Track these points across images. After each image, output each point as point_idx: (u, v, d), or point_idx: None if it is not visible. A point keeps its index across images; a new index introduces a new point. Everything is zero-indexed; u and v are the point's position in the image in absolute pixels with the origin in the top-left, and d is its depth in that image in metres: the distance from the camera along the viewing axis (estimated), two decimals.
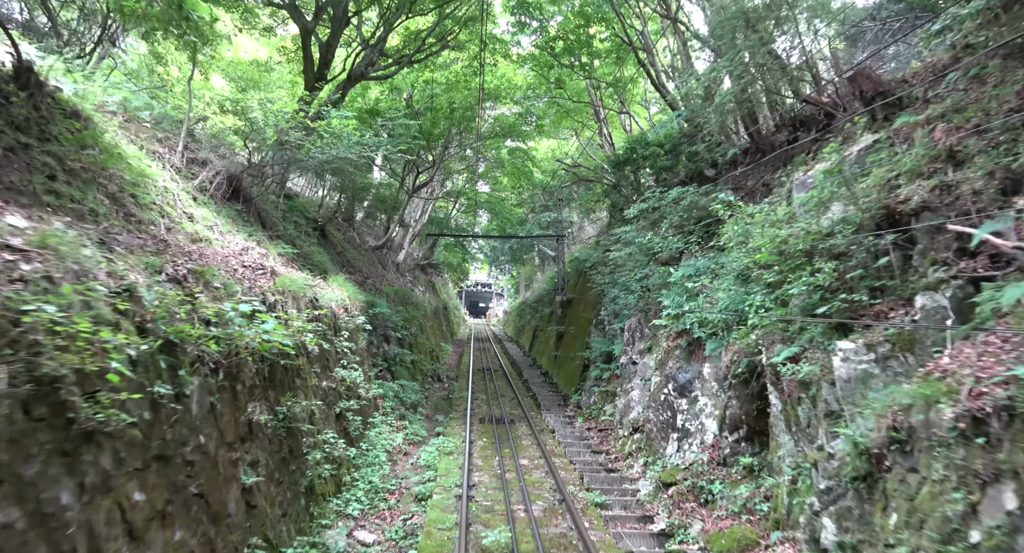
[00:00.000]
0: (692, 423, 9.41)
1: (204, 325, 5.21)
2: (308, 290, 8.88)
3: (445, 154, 28.80)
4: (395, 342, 18.14)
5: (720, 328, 8.84)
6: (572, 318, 22.19)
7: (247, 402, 5.93)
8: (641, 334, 12.98)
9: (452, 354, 33.23)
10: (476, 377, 22.88)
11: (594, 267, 18.62)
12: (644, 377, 11.85)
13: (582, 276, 23.54)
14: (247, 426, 5.83)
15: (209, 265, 5.84)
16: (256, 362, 6.27)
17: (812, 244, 6.68)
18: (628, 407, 12.06)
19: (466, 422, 14.15)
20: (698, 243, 11.72)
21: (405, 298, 22.79)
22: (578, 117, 27.82)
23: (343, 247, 21.00)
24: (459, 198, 41.46)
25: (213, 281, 5.77)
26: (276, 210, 15.31)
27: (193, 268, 5.54)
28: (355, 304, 12.37)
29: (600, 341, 16.04)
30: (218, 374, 5.27)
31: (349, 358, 10.62)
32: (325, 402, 9.03)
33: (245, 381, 5.95)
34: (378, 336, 16.50)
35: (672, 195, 12.84)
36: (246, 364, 5.91)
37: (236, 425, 5.55)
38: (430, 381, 21.87)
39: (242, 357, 5.68)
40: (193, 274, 5.45)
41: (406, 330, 19.83)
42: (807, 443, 6.55)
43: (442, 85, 24.88)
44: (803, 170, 8.56)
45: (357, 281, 18.52)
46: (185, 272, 5.32)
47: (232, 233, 10.62)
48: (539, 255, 53.63)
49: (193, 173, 11.80)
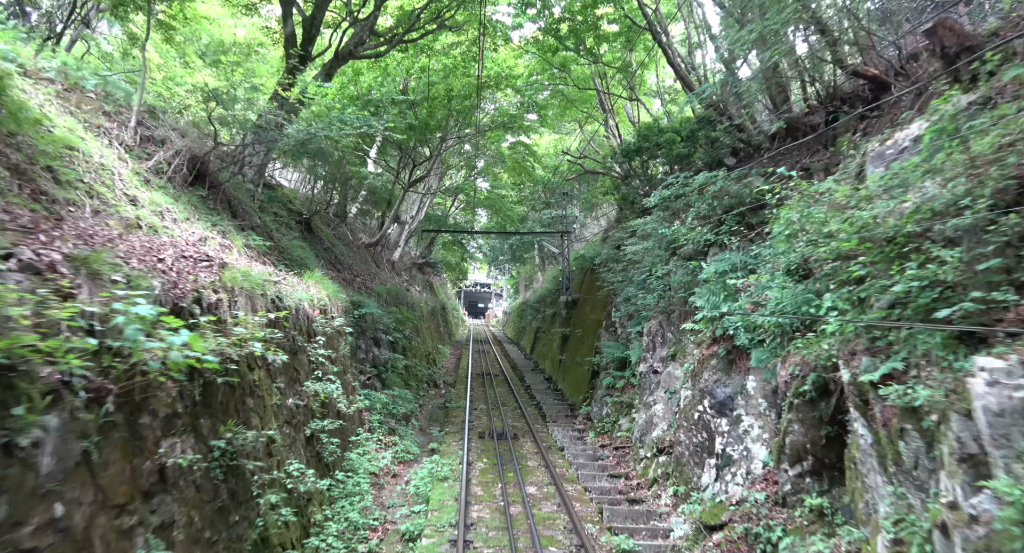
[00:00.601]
0: (734, 448, 7.77)
1: (84, 335, 3.57)
2: (269, 287, 7.24)
3: (443, 147, 27.19)
4: (386, 346, 16.50)
5: (772, 334, 7.20)
6: (578, 320, 20.55)
7: (159, 440, 4.28)
8: (663, 339, 11.35)
9: (450, 357, 31.59)
10: (475, 383, 21.22)
11: (604, 264, 16.98)
12: (670, 389, 10.21)
13: (589, 275, 21.91)
14: (156, 474, 4.17)
15: (98, 250, 4.19)
16: (181, 382, 4.64)
17: (914, 228, 5.04)
18: (650, 423, 10.42)
19: (464, 437, 12.50)
20: (732, 233, 10.09)
21: (399, 298, 21.14)
22: (583, 107, 26.18)
23: (332, 243, 19.36)
24: (458, 195, 39.84)
25: (107, 272, 4.13)
26: (252, 199, 13.66)
27: (72, 253, 3.89)
28: (336, 304, 10.72)
29: (612, 346, 14.40)
30: (102, 406, 3.62)
31: (326, 368, 8.98)
32: (291, 424, 7.38)
33: (157, 411, 4.30)
34: (367, 340, 14.86)
35: (699, 181, 11.20)
36: (159, 387, 4.27)
37: (134, 476, 3.90)
38: (426, 387, 20.22)
39: (151, 378, 4.04)
40: (70, 262, 3.80)
41: (399, 333, 18.20)
42: (914, 490, 4.91)
43: (439, 73, 23.24)
44: (879, 141, 6.93)
45: (345, 279, 16.88)
46: (54, 258, 3.67)
47: (191, 221, 9.01)
48: (540, 254, 51.98)
49: (148, 153, 10.18)
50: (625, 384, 13.42)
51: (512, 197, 43.23)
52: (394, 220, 30.22)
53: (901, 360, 5.00)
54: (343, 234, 24.51)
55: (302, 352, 8.35)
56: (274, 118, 13.89)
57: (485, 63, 22.77)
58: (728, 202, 10.55)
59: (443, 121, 24.69)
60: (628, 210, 18.76)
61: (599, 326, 17.27)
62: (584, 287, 22.23)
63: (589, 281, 21.28)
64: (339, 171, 20.98)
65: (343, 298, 11.54)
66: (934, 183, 5.26)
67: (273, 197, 15.64)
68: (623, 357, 13.89)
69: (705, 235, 10.50)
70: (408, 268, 36.34)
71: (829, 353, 6.01)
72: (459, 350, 35.20)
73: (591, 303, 19.41)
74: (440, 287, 51.24)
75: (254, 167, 14.78)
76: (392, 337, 17.12)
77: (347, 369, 10.97)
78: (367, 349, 14.83)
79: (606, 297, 17.02)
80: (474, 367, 26.08)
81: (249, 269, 6.98)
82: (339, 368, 10.19)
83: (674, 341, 11.09)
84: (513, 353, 33.83)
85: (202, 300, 5.40)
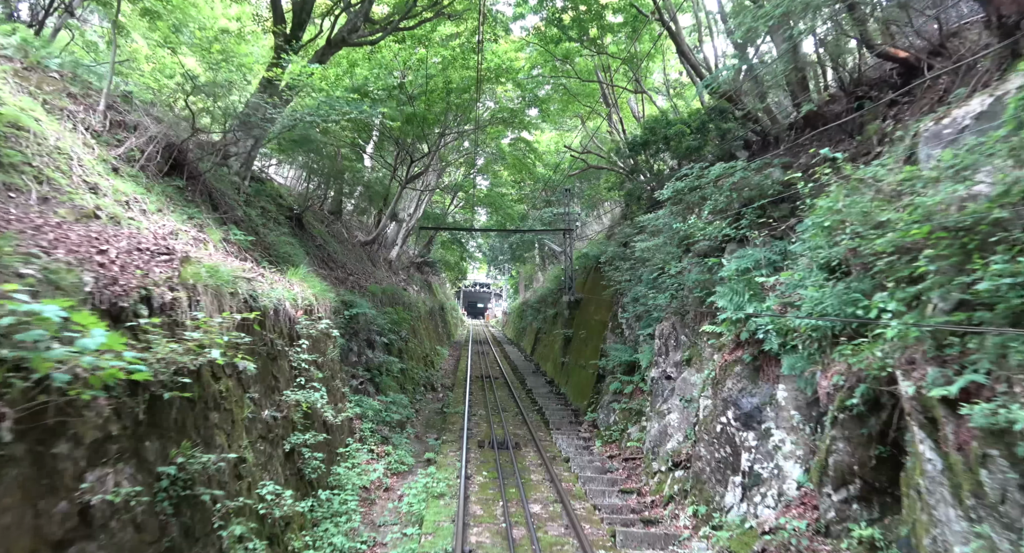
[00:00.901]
0: (763, 466, 6.94)
1: None
2: (242, 284, 6.40)
3: (441, 142, 26.36)
4: (381, 348, 15.66)
5: (809, 339, 6.37)
6: (582, 321, 19.72)
7: (83, 472, 3.45)
8: (677, 342, 10.52)
9: (448, 358, 30.77)
10: (474, 386, 20.39)
11: (610, 263, 16.16)
12: (686, 397, 9.39)
13: (592, 274, 21.10)
14: (76, 517, 3.34)
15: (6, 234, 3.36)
16: (118, 398, 3.81)
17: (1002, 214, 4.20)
18: (664, 434, 9.59)
19: (462, 446, 11.66)
20: (753, 227, 9.28)
21: (395, 298, 20.31)
22: (586, 101, 25.35)
23: (325, 240, 18.53)
24: (457, 192, 39.01)
25: (15, 264, 3.30)
26: (237, 192, 12.83)
27: None
28: (323, 304, 9.89)
29: (619, 348, 13.57)
30: None
31: (310, 374, 8.15)
32: (267, 439, 6.55)
33: (81, 436, 3.47)
34: (359, 342, 14.03)
35: (715, 172, 10.38)
36: (85, 406, 3.44)
37: (38, 524, 3.07)
38: (423, 391, 19.39)
39: (72, 396, 3.21)
40: None
41: (394, 334, 17.36)
42: (1000, 529, 4.09)
43: (437, 66, 22.42)
44: (933, 119, 6.11)
45: (338, 278, 16.05)
46: None
47: (163, 213, 8.20)
48: (540, 254, 51.16)
49: (119, 139, 9.36)
50: (634, 390, 12.59)
51: (512, 195, 42.42)
52: (391, 217, 29.39)
53: (984, 372, 4.18)
54: (338, 232, 23.69)
55: (282, 357, 7.51)
56: (261, 105, 13.09)
57: (485, 56, 21.96)
58: (748, 194, 9.72)
59: (441, 115, 23.86)
60: (634, 206, 17.95)
61: (604, 327, 16.45)
62: (587, 287, 21.42)
63: (593, 280, 20.46)
64: (333, 165, 20.16)
65: (332, 297, 10.71)
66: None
67: (261, 191, 14.81)
68: (631, 361, 13.07)
69: (723, 230, 9.67)
70: (406, 267, 35.51)
71: (883, 362, 5.19)
72: (458, 351, 34.38)
73: (595, 303, 18.59)
74: (439, 287, 50.42)
75: (240, 158, 13.95)
76: (387, 339, 16.29)
77: (336, 374, 10.14)
78: (360, 352, 14.00)
79: (612, 297, 16.21)
80: (473, 369, 25.24)
81: (218, 264, 6.14)
82: (326, 373, 9.36)
83: (689, 344, 10.27)
84: (513, 354, 33.00)
85: (152, 299, 4.57)
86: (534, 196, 41.76)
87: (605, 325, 16.45)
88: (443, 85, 22.68)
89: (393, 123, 24.19)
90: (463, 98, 24.05)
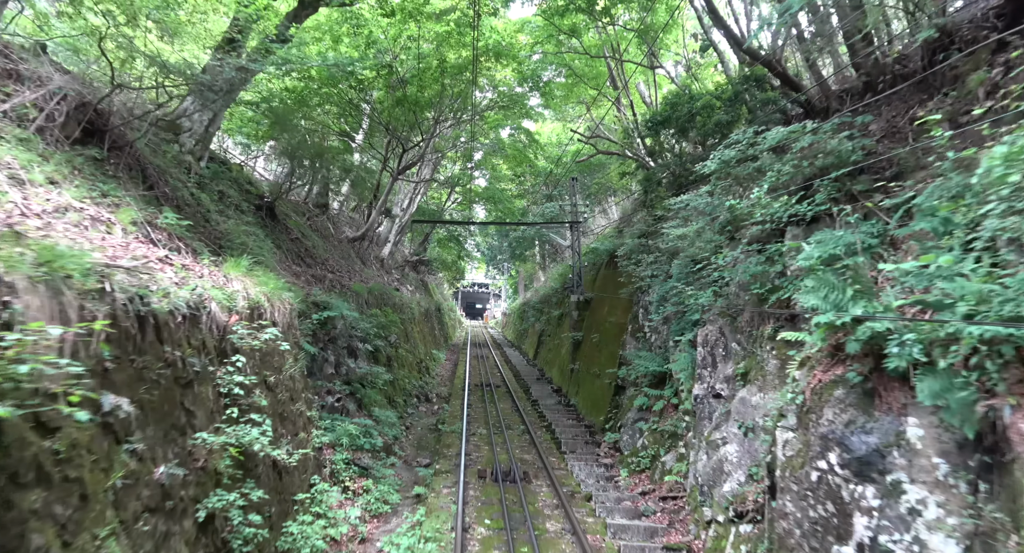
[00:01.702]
0: (894, 537, 4.76)
1: None
2: (116, 277, 4.18)
3: (436, 130, 24.17)
4: (365, 357, 13.46)
5: (981, 353, 4.20)
6: (594, 323, 17.52)
7: None
8: (727, 351, 8.34)
9: (445, 363, 28.57)
10: (473, 396, 18.19)
11: (628, 257, 13.98)
12: (746, 423, 7.21)
13: (604, 271, 18.93)
14: None
15: None
16: None
17: None
18: (719, 471, 7.39)
19: (459, 478, 9.47)
20: (841, 201, 7.12)
21: (383, 298, 18.09)
22: (593, 82, 23.18)
23: (304, 234, 16.32)
24: (454, 187, 36.79)
25: None
26: (186, 172, 10.62)
27: None
28: (281, 306, 7.67)
29: (645, 356, 11.38)
30: None
31: (250, 401, 5.94)
32: (162, 510, 4.34)
33: None
34: (337, 350, 11.82)
35: (773, 137, 8.21)
36: None
37: None
38: (415, 403, 17.18)
39: None
40: None
41: (382, 339, 15.16)
42: None
43: (431, 41, 20.24)
44: None
45: (315, 275, 13.85)
46: None
47: (59, 185, 6.05)
48: (541, 252, 49.01)
49: (7, 92, 7.18)
50: (665, 407, 10.40)
51: (512, 191, 40.25)
52: (382, 212, 27.20)
53: None
54: (323, 227, 21.49)
55: (204, 381, 5.30)
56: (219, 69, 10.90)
57: (483, 32, 19.82)
58: (823, 162, 7.54)
59: (435, 98, 21.68)
60: (653, 193, 15.77)
61: (622, 331, 14.27)
62: (598, 285, 19.23)
63: (605, 278, 18.29)
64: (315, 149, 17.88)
65: (293, 297, 8.49)
66: None
67: (221, 174, 12.58)
68: (661, 371, 10.88)
69: (792, 207, 7.49)
70: (400, 266, 33.30)
71: None
72: (455, 355, 32.18)
73: (609, 303, 16.40)
74: (435, 287, 48.22)
75: (196, 135, 11.74)
76: (372, 345, 14.09)
77: (297, 395, 7.93)
78: (338, 362, 11.80)
79: (631, 296, 14.02)
80: (472, 376, 23.04)
81: (57, 244, 3.93)
82: (281, 395, 7.16)
83: (744, 354, 8.09)
84: (515, 358, 30.80)
85: None
86: (535, 191, 39.63)
87: (623, 328, 14.27)
88: (437, 65, 20.49)
89: (381, 105, 22.05)
90: (459, 80, 21.91)
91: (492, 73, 24.02)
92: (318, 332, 10.69)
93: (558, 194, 36.35)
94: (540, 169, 37.06)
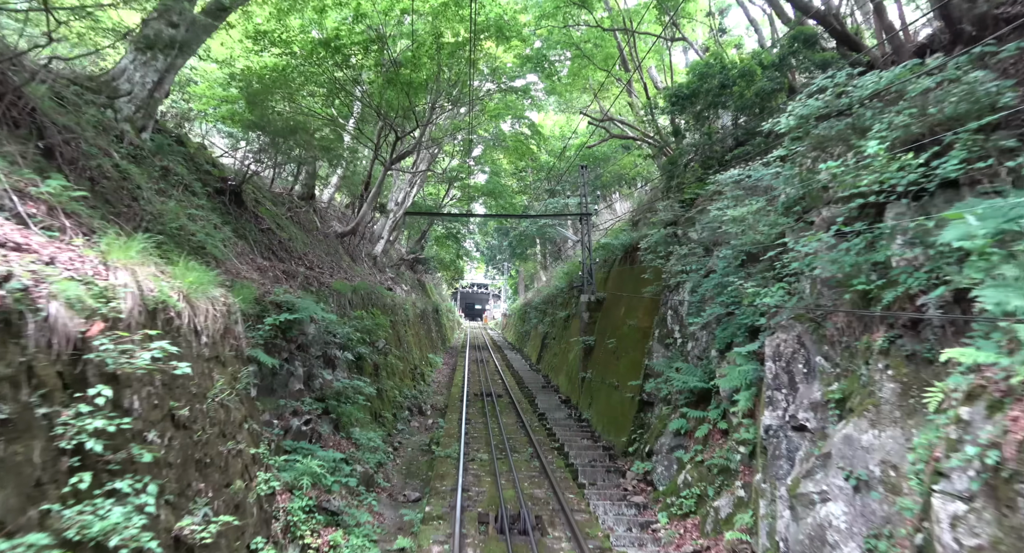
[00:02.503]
0: None
1: None
2: None
3: (432, 116, 22.02)
4: (345, 367, 11.30)
5: None
6: (609, 326, 15.36)
7: None
8: (809, 368, 6.20)
9: (443, 368, 26.41)
10: (472, 409, 16.03)
11: (653, 250, 11.84)
12: (856, 472, 5.06)
13: (617, 268, 16.79)
14: None
15: None
16: None
17: None
18: (818, 540, 5.23)
19: (454, 529, 7.30)
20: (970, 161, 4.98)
21: (371, 298, 15.92)
22: (602, 65, 21.06)
23: (280, 225, 14.16)
24: (452, 183, 34.59)
25: None
26: (115, 141, 8.45)
27: None
28: (205, 307, 5.50)
29: (684, 369, 9.21)
30: None
31: (128, 456, 3.78)
32: None
33: None
34: (308, 361, 9.66)
35: (872, 81, 6.06)
36: None
37: None
38: (407, 417, 15.03)
39: None
40: None
41: (368, 346, 13.01)
42: None
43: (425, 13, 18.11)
44: None
45: (287, 271, 11.68)
46: None
47: None
48: (543, 250, 46.83)
49: None
50: (710, 432, 8.24)
51: (513, 187, 38.12)
52: (373, 205, 25.05)
53: None
54: (307, 220, 19.33)
55: (25, 433, 3.15)
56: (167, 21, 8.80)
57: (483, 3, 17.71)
58: (955, 110, 5.40)
59: (431, 79, 19.52)
60: (679, 177, 13.64)
61: (645, 336, 12.12)
62: (611, 284, 17.08)
63: (620, 276, 16.15)
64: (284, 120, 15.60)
65: (235, 294, 6.31)
66: None
67: (169, 148, 10.40)
68: (703, 388, 8.73)
69: (916, 172, 5.33)
70: (395, 264, 31.12)
71: None
72: (453, 359, 30.03)
73: (627, 304, 14.25)
74: (433, 287, 46.08)
75: (137, 100, 9.57)
76: (355, 353, 11.94)
77: (233, 429, 5.76)
78: (310, 374, 9.63)
79: (656, 295, 11.88)
80: (471, 383, 20.86)
81: None
82: (200, 434, 4.99)
83: (836, 372, 5.95)
84: (517, 363, 28.63)
85: None
86: (537, 186, 37.47)
87: (646, 333, 12.12)
88: (432, 41, 18.36)
89: (371, 85, 19.89)
90: (457, 60, 19.78)
91: (493, 55, 21.90)
92: (279, 340, 8.53)
93: (561, 189, 34.22)
94: (543, 164, 34.92)
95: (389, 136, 21.45)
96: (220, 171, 12.00)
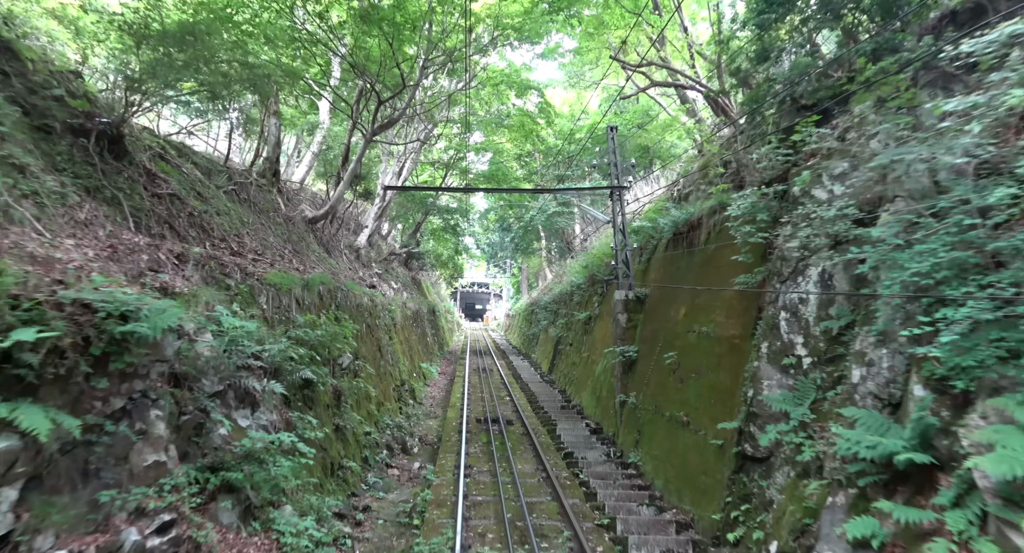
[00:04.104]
0: None
1: None
2: None
3: (422, 76, 17.81)
4: (277, 404, 7.06)
5: None
6: (661, 332, 11.08)
7: None
8: None
9: (439, 379, 22.16)
10: (474, 446, 11.80)
11: (751, 219, 7.65)
12: None
13: (660, 254, 12.56)
14: None
15: None
16: None
17: None
18: None
19: None
20: None
21: (335, 298, 11.62)
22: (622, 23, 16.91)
23: (198, 194, 9.93)
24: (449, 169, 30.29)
25: None
26: None
27: None
28: None
29: (866, 421, 4.96)
30: None
31: None
32: None
33: None
34: (198, 402, 5.41)
35: None
36: None
37: None
38: (384, 458, 10.82)
39: None
40: None
41: (323, 365, 8.80)
42: None
43: None
44: None
45: (180, 256, 7.43)
46: None
47: None
48: (548, 246, 42.56)
49: None
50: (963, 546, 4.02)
51: (518, 173, 33.91)
52: (352, 183, 20.86)
53: None
54: (266, 200, 15.11)
55: None
56: None
57: None
58: None
59: (420, 20, 15.30)
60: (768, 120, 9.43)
61: (733, 351, 7.90)
62: (652, 275, 12.85)
63: (664, 265, 11.91)
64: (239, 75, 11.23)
65: None
66: None
67: None
68: (905, 459, 4.47)
69: None
70: (384, 259, 26.85)
71: None
72: (452, 367, 25.79)
73: (689, 302, 10.00)
74: (430, 286, 41.83)
75: None
76: (299, 378, 7.74)
77: None
78: (199, 427, 5.40)
79: (753, 291, 7.65)
80: (472, 402, 16.63)
81: None
82: None
83: None
84: (525, 373, 24.34)
85: None
86: (544, 172, 33.24)
87: (735, 346, 7.91)
88: None
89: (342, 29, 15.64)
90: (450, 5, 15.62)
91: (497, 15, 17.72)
92: (99, 375, 4.30)
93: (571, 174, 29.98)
94: (551, 147, 30.70)
95: (371, 98, 17.23)
96: (88, 104, 7.74)
